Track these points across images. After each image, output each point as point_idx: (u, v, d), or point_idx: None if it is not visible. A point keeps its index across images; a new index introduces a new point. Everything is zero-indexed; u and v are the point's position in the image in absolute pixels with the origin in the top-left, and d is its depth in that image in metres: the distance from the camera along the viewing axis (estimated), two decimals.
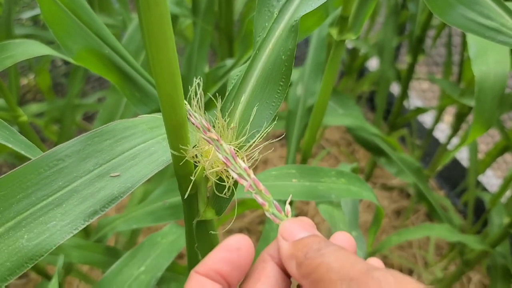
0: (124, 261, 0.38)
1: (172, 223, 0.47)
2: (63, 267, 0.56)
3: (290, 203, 0.25)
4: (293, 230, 0.20)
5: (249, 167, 0.25)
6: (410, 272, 1.02)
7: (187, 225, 0.32)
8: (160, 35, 0.20)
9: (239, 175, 0.23)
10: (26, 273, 0.95)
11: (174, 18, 0.59)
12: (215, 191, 0.28)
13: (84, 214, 0.24)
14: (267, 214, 0.23)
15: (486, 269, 0.98)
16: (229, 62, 0.58)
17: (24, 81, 1.21)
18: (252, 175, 0.23)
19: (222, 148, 0.24)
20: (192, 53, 0.69)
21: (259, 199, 0.23)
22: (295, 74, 0.82)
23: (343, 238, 0.21)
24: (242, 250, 0.20)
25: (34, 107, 0.92)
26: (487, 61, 0.47)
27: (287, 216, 0.22)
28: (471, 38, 0.49)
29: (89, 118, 1.28)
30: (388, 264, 1.04)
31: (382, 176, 1.25)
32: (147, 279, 0.36)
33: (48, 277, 0.59)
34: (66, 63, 1.25)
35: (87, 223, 0.23)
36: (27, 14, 0.99)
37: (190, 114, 0.24)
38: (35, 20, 1.06)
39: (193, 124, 0.24)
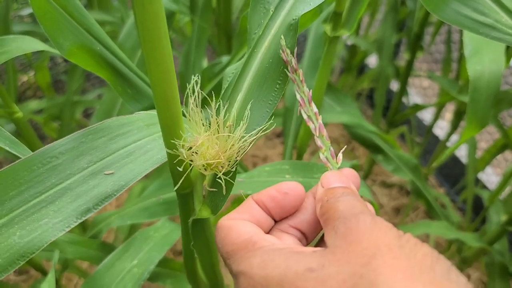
0: (117, 254, 0.38)
1: (166, 218, 0.47)
2: (60, 263, 0.56)
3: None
4: (330, 180, 0.24)
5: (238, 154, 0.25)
6: None
7: (183, 224, 0.31)
8: (154, 33, 0.20)
9: (309, 117, 0.25)
10: (26, 269, 0.95)
11: (171, 14, 0.59)
12: (208, 188, 0.28)
13: (77, 212, 0.24)
14: (321, 156, 0.26)
15: (484, 267, 0.98)
16: (225, 59, 0.57)
17: (24, 78, 1.21)
18: (320, 121, 0.25)
19: (302, 89, 0.25)
20: (190, 50, 0.69)
21: (319, 142, 0.26)
22: None
23: (351, 173, 0.25)
24: (289, 195, 0.24)
25: (34, 104, 0.93)
26: (482, 60, 0.46)
27: (337, 163, 0.26)
28: (467, 36, 0.48)
29: (90, 115, 1.28)
30: None
31: (381, 173, 1.25)
32: (140, 272, 0.36)
33: (45, 273, 0.60)
34: (66, 60, 1.25)
35: (79, 221, 0.23)
36: (26, 11, 0.99)
37: (282, 51, 0.25)
38: (34, 17, 1.06)
39: (284, 60, 0.25)
